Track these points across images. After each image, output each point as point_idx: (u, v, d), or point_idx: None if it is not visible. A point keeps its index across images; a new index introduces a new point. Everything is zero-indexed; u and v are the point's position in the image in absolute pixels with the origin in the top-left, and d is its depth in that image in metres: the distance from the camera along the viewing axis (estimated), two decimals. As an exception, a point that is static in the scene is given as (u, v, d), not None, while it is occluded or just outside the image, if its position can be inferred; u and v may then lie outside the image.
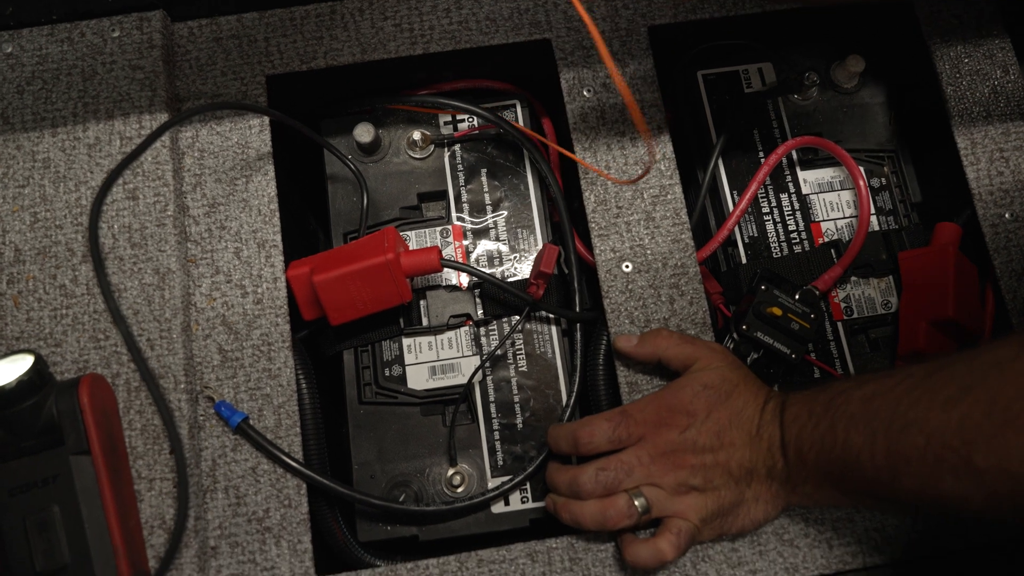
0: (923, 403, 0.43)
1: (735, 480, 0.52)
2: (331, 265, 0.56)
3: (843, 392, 0.48)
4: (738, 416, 0.52)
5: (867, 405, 0.46)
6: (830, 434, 0.47)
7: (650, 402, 0.54)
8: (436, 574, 0.54)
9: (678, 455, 0.52)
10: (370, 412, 0.60)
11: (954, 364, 0.43)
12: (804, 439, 0.49)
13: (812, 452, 0.48)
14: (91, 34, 0.62)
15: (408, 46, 0.64)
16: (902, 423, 0.44)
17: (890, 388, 0.45)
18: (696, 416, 0.52)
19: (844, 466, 0.47)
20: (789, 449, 0.50)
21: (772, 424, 0.51)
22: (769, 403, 0.52)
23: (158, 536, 0.53)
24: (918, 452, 0.42)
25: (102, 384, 0.54)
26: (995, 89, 0.64)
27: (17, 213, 0.58)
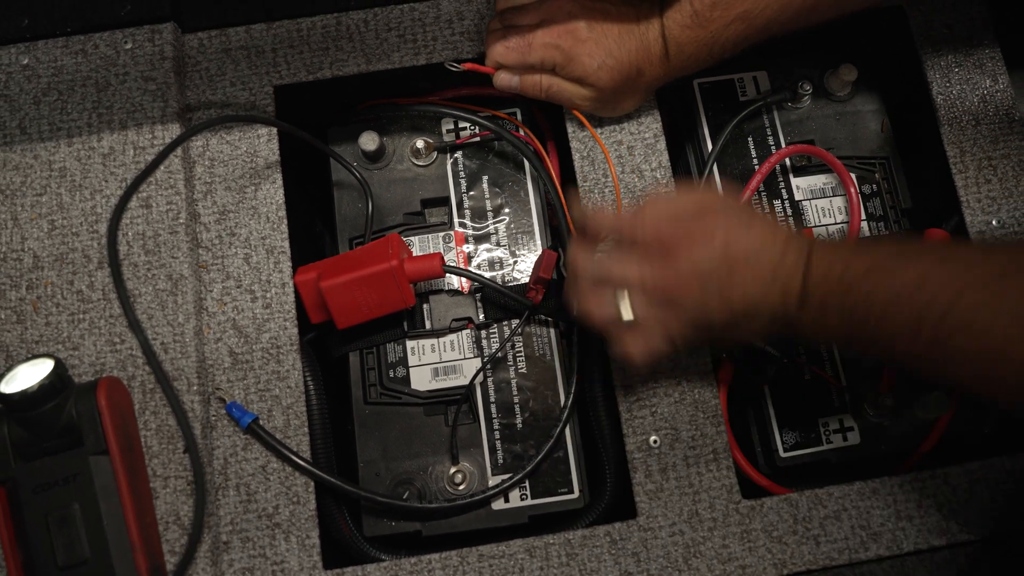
0: (987, 311, 0.40)
1: (735, 317, 0.50)
2: (338, 271, 0.58)
3: (885, 267, 0.45)
4: (756, 256, 0.49)
5: (916, 291, 0.43)
6: (864, 307, 0.45)
7: (671, 207, 0.51)
8: (438, 568, 0.56)
9: (684, 278, 0.50)
10: (375, 412, 0.62)
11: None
12: (830, 304, 0.46)
13: (836, 318, 0.46)
14: (104, 46, 0.64)
15: (412, 56, 0.65)
16: (956, 323, 0.41)
17: (947, 281, 0.42)
18: (712, 241, 0.49)
19: (874, 340, 0.45)
20: (810, 304, 0.47)
21: (793, 273, 0.48)
22: (791, 249, 0.49)
23: (173, 531, 0.56)
24: (967, 357, 0.41)
25: (119, 386, 0.56)
26: (984, 98, 0.65)
27: (35, 221, 0.60)
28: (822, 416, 0.62)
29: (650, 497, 0.58)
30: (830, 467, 0.62)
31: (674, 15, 0.57)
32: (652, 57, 0.58)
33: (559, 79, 0.60)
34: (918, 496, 0.57)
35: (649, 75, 0.59)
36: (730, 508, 0.57)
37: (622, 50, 0.58)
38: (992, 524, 0.57)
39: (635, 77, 0.59)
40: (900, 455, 0.62)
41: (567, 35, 0.58)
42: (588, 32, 0.58)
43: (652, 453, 0.58)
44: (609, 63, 0.58)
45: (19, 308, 0.59)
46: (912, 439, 0.61)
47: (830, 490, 0.58)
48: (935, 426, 0.61)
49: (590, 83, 0.59)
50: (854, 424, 0.62)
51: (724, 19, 0.56)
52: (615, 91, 0.60)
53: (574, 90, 0.60)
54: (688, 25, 0.57)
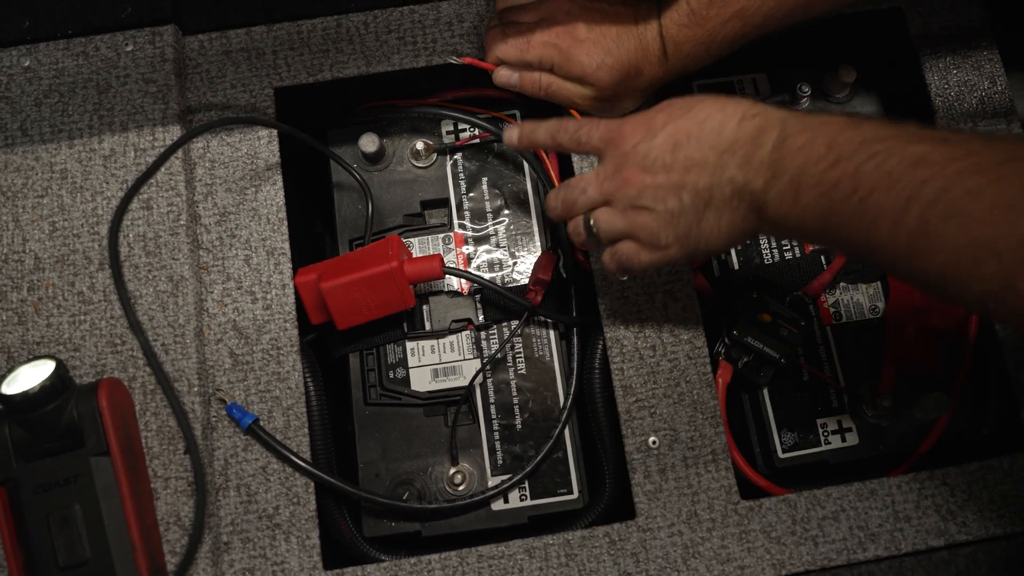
0: (984, 199, 0.36)
1: (691, 199, 0.47)
2: (338, 272, 0.58)
3: (882, 141, 0.41)
4: (700, 127, 0.47)
5: (911, 170, 0.39)
6: (850, 181, 0.41)
7: (618, 119, 0.52)
8: (438, 569, 0.56)
9: (628, 171, 0.49)
10: (375, 413, 0.63)
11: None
12: (808, 174, 0.43)
13: (814, 191, 0.42)
14: (105, 48, 0.64)
15: (412, 58, 0.66)
16: (947, 210, 0.37)
17: (945, 161, 0.38)
18: (653, 130, 0.48)
19: (851, 221, 0.41)
20: (780, 178, 0.44)
21: (755, 142, 0.45)
22: (752, 119, 0.46)
23: (173, 532, 0.56)
24: (954, 248, 0.37)
25: (119, 387, 0.56)
26: (983, 100, 0.65)
27: (36, 222, 0.61)
28: (820, 417, 0.62)
29: (649, 498, 0.58)
30: (828, 468, 0.62)
31: (671, 14, 0.57)
32: (650, 56, 0.58)
33: (558, 78, 0.60)
34: (916, 497, 0.57)
35: (648, 74, 0.60)
36: (729, 509, 0.57)
37: (620, 49, 0.58)
38: (990, 525, 0.57)
39: (634, 76, 0.59)
40: (898, 456, 0.62)
41: (565, 34, 0.58)
42: (587, 32, 0.58)
43: (651, 454, 0.58)
44: (608, 62, 0.58)
45: (20, 309, 0.59)
46: (910, 440, 0.62)
47: (828, 491, 0.58)
48: (933, 427, 0.61)
49: (589, 82, 0.59)
50: (852, 425, 0.62)
51: (721, 17, 0.56)
52: (614, 90, 0.60)
53: (573, 89, 0.61)
54: (685, 24, 0.57)
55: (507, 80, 0.61)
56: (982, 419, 0.62)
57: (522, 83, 0.61)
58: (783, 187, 0.44)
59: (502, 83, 0.62)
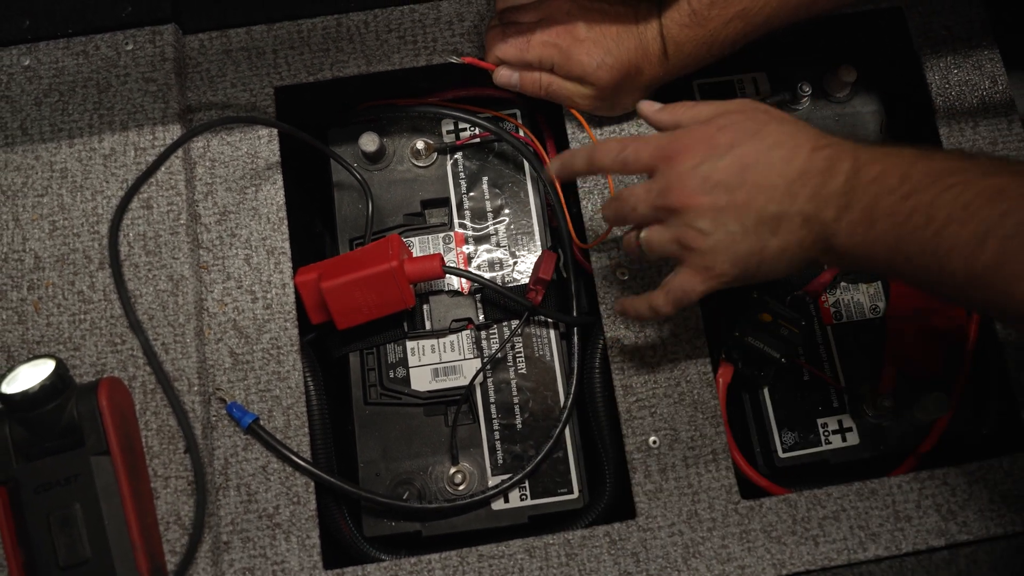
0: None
1: (755, 224, 0.46)
2: (338, 272, 0.58)
3: (957, 174, 0.40)
4: (768, 154, 0.46)
5: (990, 202, 0.38)
6: (923, 213, 0.40)
7: (673, 131, 0.49)
8: (438, 568, 0.56)
9: (685, 191, 0.47)
10: (375, 412, 0.63)
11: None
12: (882, 206, 0.42)
13: (886, 222, 0.42)
14: (105, 47, 0.64)
15: (412, 58, 0.66)
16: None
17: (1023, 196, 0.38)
18: (716, 150, 0.46)
19: (923, 253, 0.40)
20: (853, 208, 0.43)
21: (827, 172, 0.44)
22: (824, 149, 0.45)
23: (174, 531, 0.56)
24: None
25: (120, 387, 0.56)
26: (983, 99, 0.65)
27: (36, 221, 0.61)
28: (821, 417, 0.62)
29: (649, 497, 0.58)
30: (829, 467, 0.62)
31: (672, 14, 0.57)
32: (651, 56, 0.58)
33: (558, 78, 0.60)
34: (917, 497, 0.57)
35: (648, 74, 0.60)
36: (729, 508, 0.57)
37: (620, 49, 0.58)
38: (991, 525, 0.57)
39: (634, 76, 0.59)
40: (899, 456, 0.62)
41: (565, 34, 0.58)
42: (587, 32, 0.58)
43: (651, 453, 0.58)
44: (608, 62, 0.58)
45: (20, 309, 0.59)
46: (911, 440, 0.62)
47: (829, 490, 0.58)
48: (934, 427, 0.61)
49: (589, 82, 0.59)
50: (853, 425, 0.62)
51: (722, 17, 0.56)
52: (614, 90, 0.60)
53: (574, 89, 0.61)
54: (687, 24, 0.57)
55: (507, 80, 0.61)
56: (982, 419, 0.62)
57: (522, 83, 0.61)
58: (855, 218, 0.43)
59: (502, 83, 0.62)
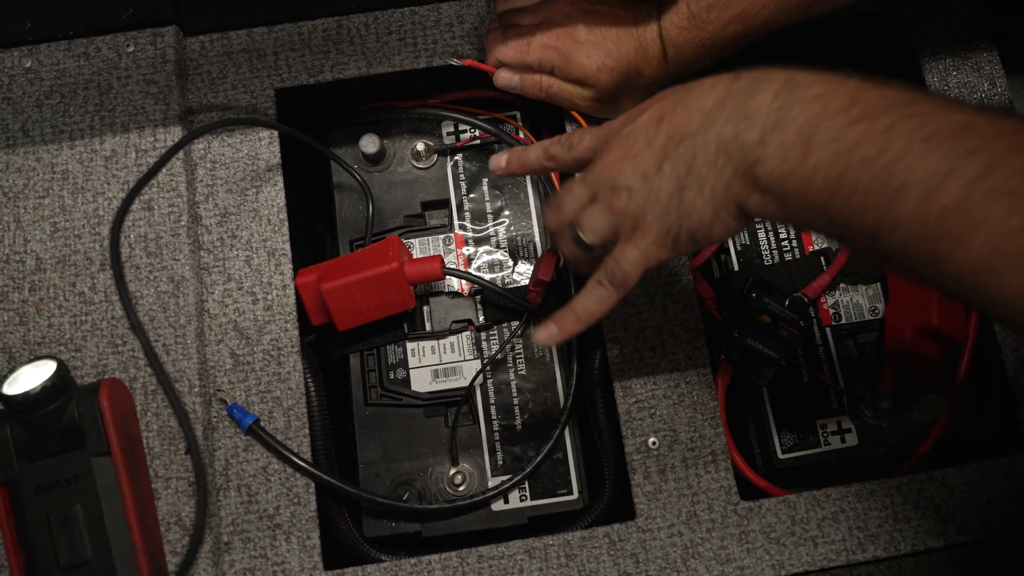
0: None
1: (671, 168, 0.42)
2: (338, 273, 0.59)
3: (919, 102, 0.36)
4: (688, 94, 0.42)
5: (956, 137, 0.33)
6: (876, 141, 0.35)
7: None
8: (438, 569, 0.56)
9: (609, 155, 0.45)
10: (375, 413, 0.63)
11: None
12: (823, 127, 0.36)
13: (829, 148, 0.36)
14: (107, 49, 0.64)
15: (412, 59, 0.66)
16: (997, 187, 0.32)
17: (996, 134, 0.33)
18: (640, 111, 0.45)
19: (868, 189, 0.35)
20: (785, 127, 0.38)
21: (750, 92, 0.40)
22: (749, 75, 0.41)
23: (174, 532, 0.56)
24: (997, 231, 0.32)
25: (121, 388, 0.56)
26: (982, 101, 0.66)
27: (38, 223, 0.61)
28: (820, 418, 0.62)
29: (649, 498, 0.58)
30: (828, 469, 0.62)
31: (671, 17, 0.57)
32: (650, 58, 0.59)
33: (559, 80, 0.61)
34: (916, 498, 0.58)
35: (648, 76, 0.60)
36: (728, 509, 0.58)
37: (620, 51, 0.58)
38: (990, 526, 0.57)
39: (634, 78, 0.60)
40: (898, 457, 0.62)
41: (566, 37, 0.59)
42: (587, 34, 0.58)
43: (651, 455, 0.59)
44: (608, 64, 0.58)
45: (22, 310, 0.59)
46: (910, 441, 0.62)
47: (828, 492, 0.58)
48: (933, 428, 0.61)
49: (590, 84, 0.60)
50: (852, 426, 0.62)
51: (721, 20, 0.56)
52: (614, 92, 0.60)
53: (574, 91, 0.61)
54: (685, 27, 0.57)
55: (508, 82, 0.61)
56: (981, 420, 0.62)
57: (523, 85, 0.61)
58: (789, 139, 0.37)
59: (503, 85, 0.62)
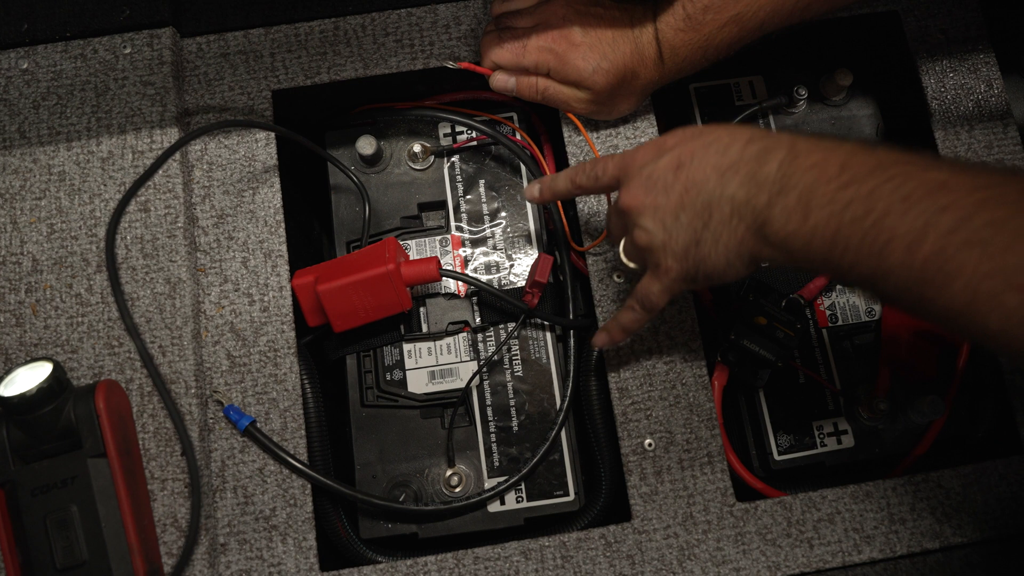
0: (1008, 229, 0.35)
1: (689, 219, 0.47)
2: (334, 275, 0.59)
3: (899, 165, 0.40)
4: (705, 148, 0.46)
5: (931, 195, 0.37)
6: (863, 203, 0.39)
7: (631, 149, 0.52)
8: (434, 570, 0.57)
9: (633, 193, 0.49)
10: (372, 415, 0.63)
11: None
12: (819, 193, 0.41)
13: (824, 211, 0.41)
14: (104, 51, 0.64)
15: (408, 61, 0.66)
16: (969, 238, 0.35)
17: (968, 190, 0.37)
18: (661, 151, 0.49)
19: (861, 245, 0.39)
20: (788, 194, 0.42)
21: (760, 160, 0.44)
22: (760, 141, 0.45)
23: (170, 533, 0.56)
24: (972, 277, 0.35)
25: (117, 389, 0.56)
26: (979, 103, 0.66)
27: (34, 224, 0.61)
28: (816, 419, 0.63)
29: (645, 500, 0.58)
30: (824, 470, 0.62)
31: (667, 18, 0.57)
32: (646, 60, 0.59)
33: (555, 82, 0.61)
34: (911, 499, 0.58)
35: (644, 78, 0.60)
36: (724, 511, 0.58)
37: (616, 53, 0.58)
38: (986, 528, 0.57)
39: (630, 80, 0.60)
40: (894, 458, 0.62)
41: (561, 39, 0.59)
42: (582, 36, 0.58)
43: (647, 456, 0.59)
44: (604, 66, 0.58)
45: (18, 311, 0.59)
46: (906, 442, 0.62)
47: (824, 493, 0.58)
48: (929, 430, 0.61)
49: (585, 86, 0.60)
50: (848, 427, 0.62)
51: (717, 22, 0.56)
52: (610, 94, 0.60)
53: (570, 93, 0.61)
54: (681, 28, 0.57)
55: (504, 85, 0.61)
56: (977, 422, 0.62)
57: (519, 88, 0.61)
58: (791, 204, 0.42)
59: (499, 88, 0.62)
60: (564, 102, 0.61)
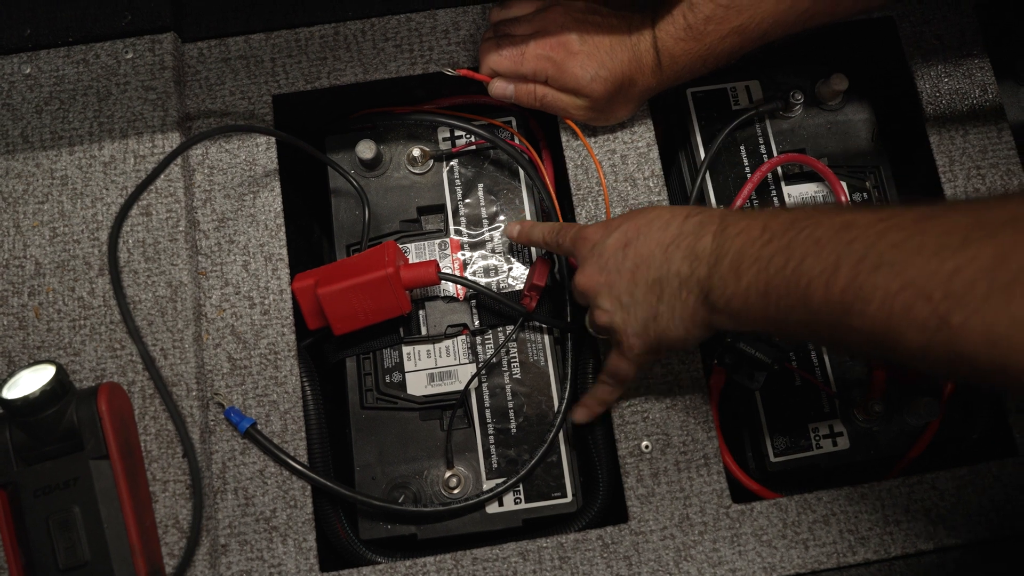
0: (907, 247, 0.38)
1: (644, 294, 0.50)
2: (334, 278, 0.59)
3: (811, 216, 0.43)
4: (649, 225, 0.51)
5: (838, 234, 0.41)
6: (783, 254, 0.43)
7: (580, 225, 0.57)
8: (433, 571, 0.57)
9: (588, 272, 0.53)
10: (371, 417, 0.63)
11: (951, 213, 0.38)
12: (747, 254, 0.45)
13: (752, 269, 0.44)
14: (105, 56, 0.65)
15: (408, 66, 0.66)
16: (876, 262, 0.38)
17: (870, 223, 0.40)
18: (609, 230, 0.53)
19: (788, 291, 0.42)
20: (722, 262, 0.46)
21: (697, 234, 0.48)
22: (696, 216, 0.49)
23: (172, 535, 0.57)
24: (885, 296, 0.38)
25: (119, 392, 0.57)
26: (974, 108, 0.66)
27: (37, 228, 0.61)
28: (812, 422, 0.63)
29: (642, 501, 0.58)
30: (820, 472, 0.63)
31: (667, 27, 0.58)
32: (644, 68, 0.59)
33: (553, 90, 0.61)
34: (906, 501, 0.58)
35: (642, 85, 0.60)
36: (720, 512, 0.58)
37: (614, 61, 0.59)
38: (979, 530, 0.57)
39: (627, 87, 0.60)
40: (889, 460, 0.62)
41: (559, 47, 0.59)
42: (580, 44, 0.59)
43: (644, 458, 0.59)
44: (602, 74, 0.59)
45: (21, 314, 0.60)
46: (901, 445, 0.62)
47: (819, 495, 0.58)
48: (924, 432, 0.62)
49: (584, 94, 0.60)
50: (844, 430, 0.63)
51: (719, 33, 0.57)
52: (608, 101, 0.61)
53: (568, 100, 0.61)
54: (682, 38, 0.57)
55: (502, 92, 0.62)
56: (972, 424, 0.63)
57: (517, 95, 0.62)
58: (725, 269, 0.46)
59: (497, 95, 0.62)
60: (562, 109, 0.62)
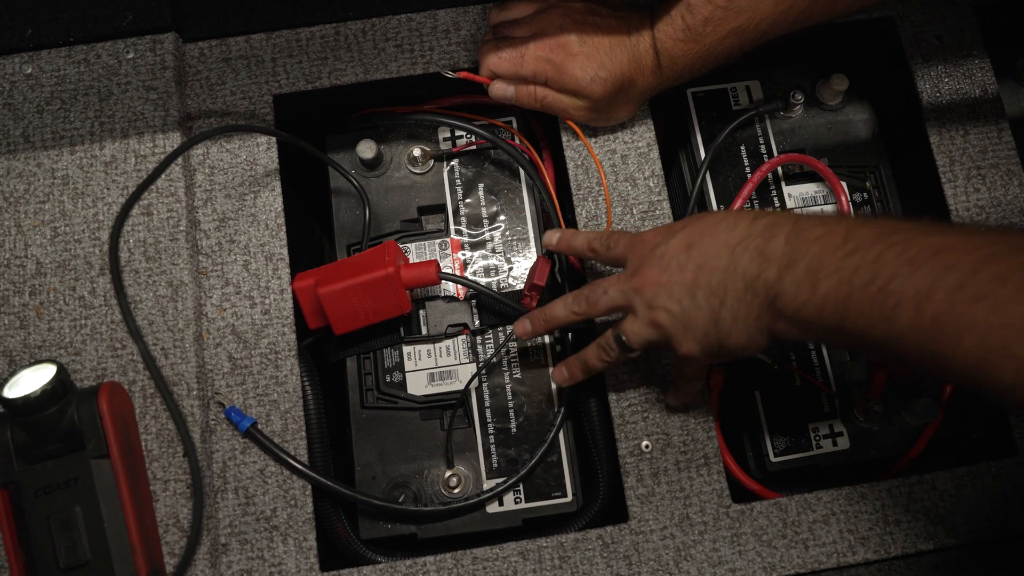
0: (1012, 281, 0.36)
1: (705, 298, 0.48)
2: (335, 278, 0.59)
3: (899, 231, 0.41)
4: (714, 227, 0.48)
5: (934, 257, 0.39)
6: (869, 269, 0.41)
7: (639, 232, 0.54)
8: (433, 571, 0.57)
9: (645, 272, 0.50)
10: (372, 416, 0.63)
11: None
12: (826, 263, 0.43)
13: (832, 279, 0.42)
14: (107, 55, 0.65)
15: (408, 66, 0.66)
16: (975, 293, 0.37)
17: (969, 250, 0.38)
18: (672, 232, 0.50)
19: (871, 309, 0.40)
20: (796, 266, 0.44)
21: (767, 235, 0.46)
22: (765, 218, 0.47)
23: (172, 534, 0.57)
24: (982, 330, 0.36)
25: (120, 391, 0.57)
26: (973, 108, 0.66)
27: (38, 228, 0.62)
28: (812, 422, 0.63)
29: (642, 501, 0.58)
30: (820, 472, 0.63)
31: (666, 28, 0.58)
32: (644, 68, 0.59)
33: (553, 91, 0.61)
34: (906, 501, 0.58)
35: (641, 85, 0.60)
36: (720, 512, 0.58)
37: (614, 62, 0.59)
38: (979, 529, 0.57)
39: (627, 88, 0.60)
40: (889, 460, 0.62)
41: (559, 49, 0.59)
42: (579, 46, 0.59)
43: (644, 458, 0.59)
44: (602, 75, 0.59)
45: (22, 314, 0.60)
46: (901, 445, 0.62)
47: (819, 495, 0.58)
48: (923, 432, 0.62)
49: (584, 95, 0.60)
50: (844, 429, 0.63)
51: (718, 34, 0.57)
52: (608, 102, 0.61)
53: (568, 101, 0.61)
54: (681, 39, 0.57)
55: (502, 94, 0.62)
56: (971, 424, 0.63)
57: (517, 97, 0.62)
58: (800, 275, 0.43)
59: (497, 97, 0.62)
60: (563, 110, 0.62)
